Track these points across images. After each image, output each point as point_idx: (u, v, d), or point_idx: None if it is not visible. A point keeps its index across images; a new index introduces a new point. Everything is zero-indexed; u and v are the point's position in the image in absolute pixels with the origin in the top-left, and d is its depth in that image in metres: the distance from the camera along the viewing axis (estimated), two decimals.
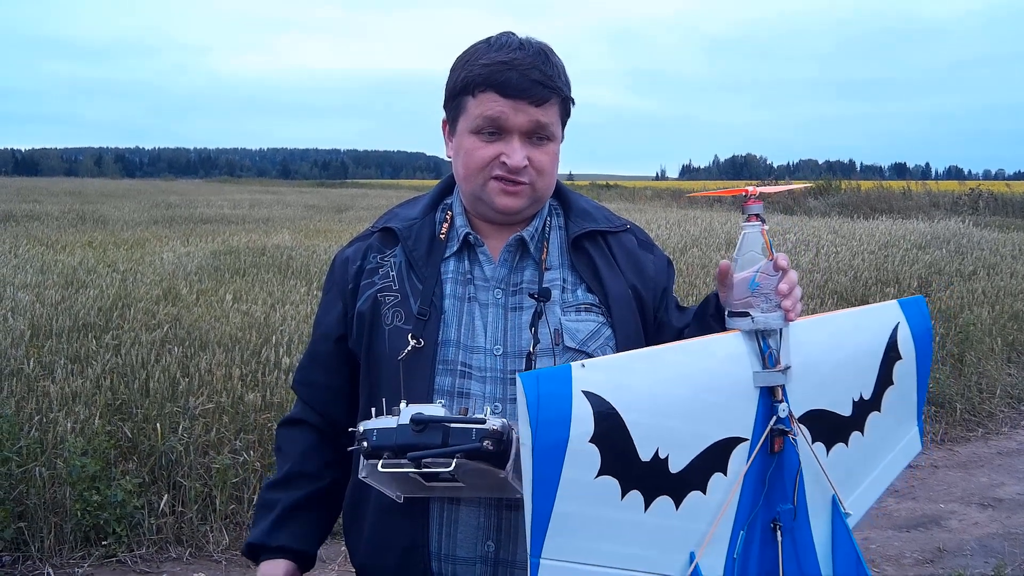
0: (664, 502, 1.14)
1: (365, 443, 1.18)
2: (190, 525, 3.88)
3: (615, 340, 1.39)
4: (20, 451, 3.75)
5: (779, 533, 1.24)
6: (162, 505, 3.85)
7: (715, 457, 1.18)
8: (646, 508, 1.12)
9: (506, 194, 1.37)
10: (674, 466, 1.13)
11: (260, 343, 5.33)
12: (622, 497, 1.09)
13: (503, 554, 1.34)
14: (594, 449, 1.06)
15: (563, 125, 1.42)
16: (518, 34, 1.39)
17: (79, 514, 3.66)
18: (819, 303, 7.31)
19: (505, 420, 1.17)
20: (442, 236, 1.44)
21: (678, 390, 1.15)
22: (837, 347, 1.36)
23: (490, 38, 1.38)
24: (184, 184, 61.33)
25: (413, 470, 1.17)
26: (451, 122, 1.42)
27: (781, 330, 1.25)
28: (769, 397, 1.22)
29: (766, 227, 1.28)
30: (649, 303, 1.45)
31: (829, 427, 1.34)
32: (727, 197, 21.50)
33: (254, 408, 4.40)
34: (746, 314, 1.25)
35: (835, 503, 1.34)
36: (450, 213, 1.47)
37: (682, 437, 1.15)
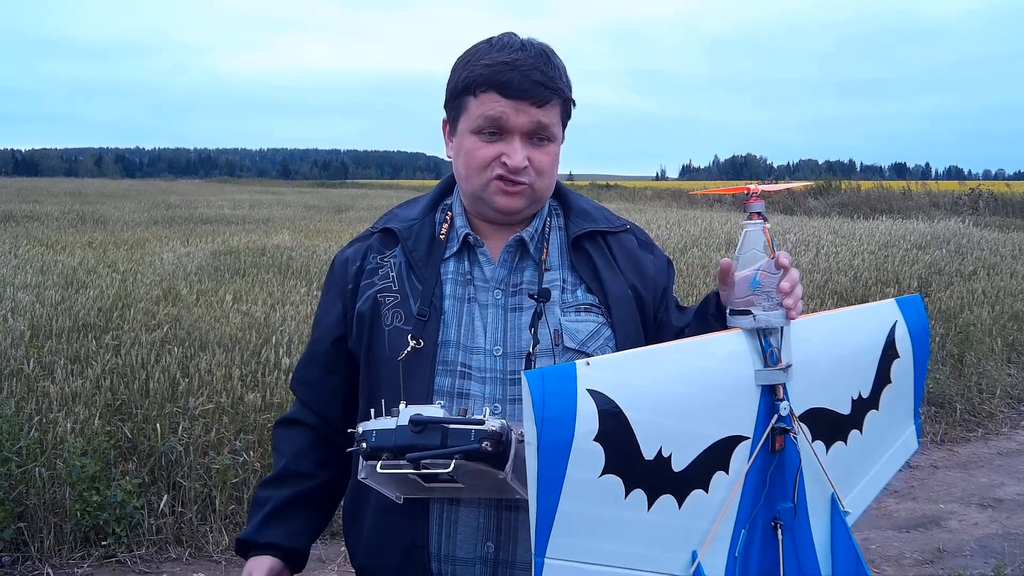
0: (667, 501, 1.13)
1: (364, 444, 1.18)
2: (190, 525, 3.87)
3: (615, 340, 1.39)
4: (20, 451, 3.74)
5: (780, 532, 1.24)
6: (162, 505, 3.85)
7: (717, 456, 1.18)
8: (649, 507, 1.12)
9: (506, 194, 1.37)
10: (677, 465, 1.13)
11: (260, 343, 5.33)
12: (626, 496, 1.09)
13: (503, 555, 1.34)
14: (598, 448, 1.06)
15: (564, 126, 1.42)
16: (519, 35, 1.39)
17: (79, 514, 3.66)
18: (819, 303, 7.31)
19: (504, 421, 1.17)
20: (442, 236, 1.44)
21: (681, 388, 1.15)
22: (836, 345, 1.36)
23: (492, 38, 1.38)
24: (184, 184, 61.33)
25: (412, 471, 1.17)
26: (452, 122, 1.42)
27: (782, 328, 1.25)
28: (770, 395, 1.22)
29: (768, 225, 1.28)
30: (649, 303, 1.46)
31: (829, 425, 1.34)
32: (727, 197, 21.52)
33: (254, 408, 4.40)
34: (747, 312, 1.25)
35: (834, 502, 1.35)
36: (450, 213, 1.47)
37: (685, 436, 1.15)
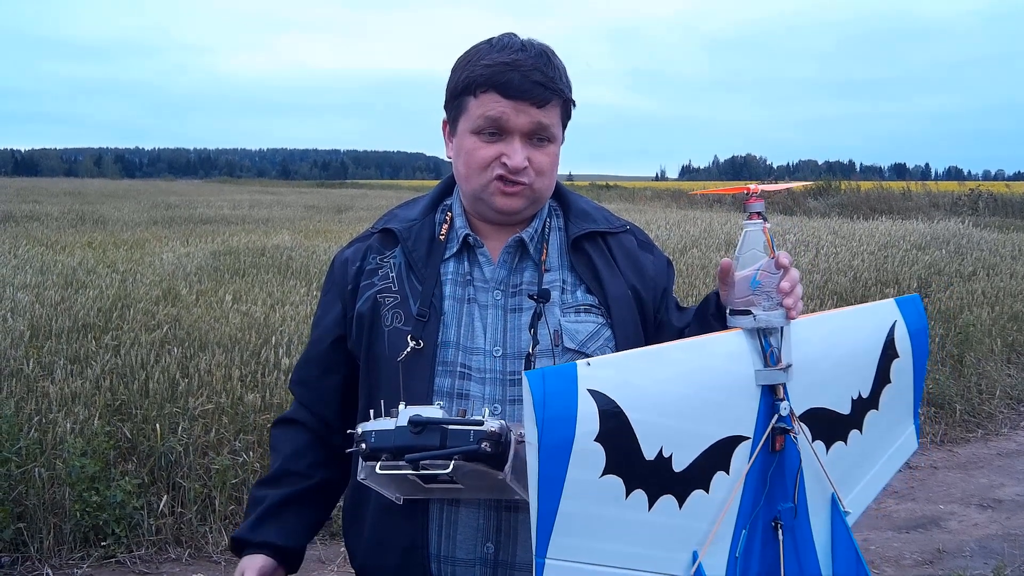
0: (668, 501, 1.13)
1: (363, 445, 1.18)
2: (189, 526, 3.87)
3: (615, 341, 1.39)
4: (19, 452, 3.74)
5: (780, 532, 1.24)
6: (161, 506, 3.85)
7: (718, 456, 1.18)
8: (650, 507, 1.12)
9: (505, 195, 1.37)
10: (678, 465, 1.13)
11: (260, 344, 5.32)
12: (626, 496, 1.09)
13: (502, 555, 1.33)
14: (599, 448, 1.06)
15: (564, 127, 1.42)
16: (519, 35, 1.39)
17: (78, 515, 3.66)
18: (819, 303, 7.31)
19: (503, 422, 1.16)
20: (442, 237, 1.44)
21: (681, 388, 1.15)
22: (836, 345, 1.36)
23: (492, 39, 1.38)
24: (184, 184, 61.36)
25: (411, 472, 1.17)
26: (452, 122, 1.42)
27: (782, 328, 1.24)
28: (770, 395, 1.22)
29: (767, 225, 1.28)
30: (649, 304, 1.45)
31: (829, 425, 1.34)
32: (727, 197, 21.53)
33: (253, 409, 4.40)
34: (748, 312, 1.24)
35: (834, 502, 1.35)
36: (450, 214, 1.46)
37: (685, 436, 1.15)
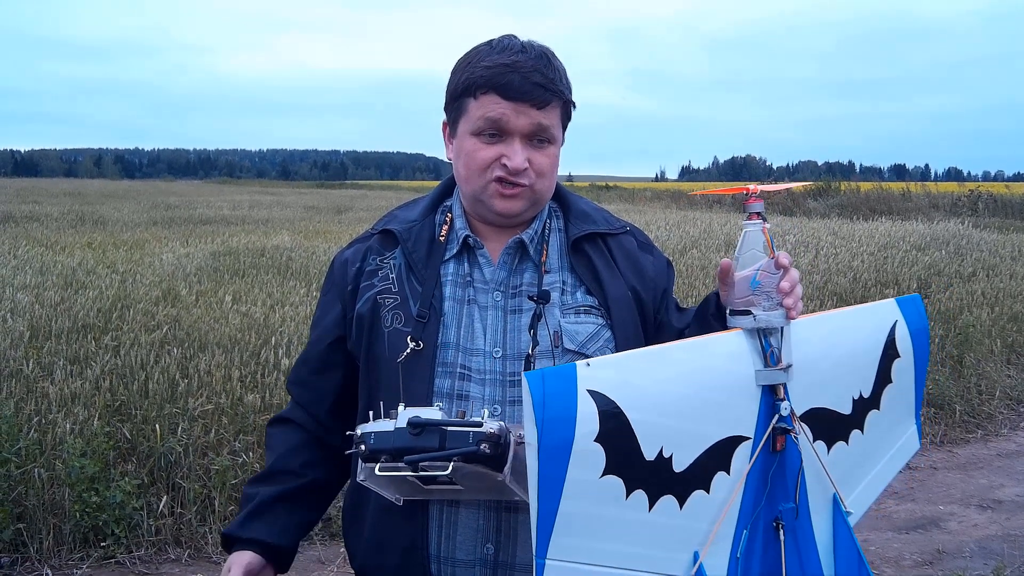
0: (668, 501, 1.13)
1: (363, 446, 1.18)
2: (189, 527, 3.87)
3: (614, 342, 1.39)
4: (19, 452, 3.74)
5: (782, 532, 1.24)
6: (161, 506, 3.85)
7: (718, 456, 1.18)
8: (650, 508, 1.12)
9: (504, 197, 1.37)
10: (678, 465, 1.13)
11: (259, 344, 5.33)
12: (627, 497, 1.09)
13: (502, 556, 1.33)
14: (599, 448, 1.06)
15: (564, 128, 1.42)
16: (519, 36, 1.39)
17: (78, 515, 3.65)
18: (818, 304, 7.31)
19: (503, 423, 1.16)
20: (442, 238, 1.44)
21: (681, 388, 1.15)
22: (836, 345, 1.36)
23: (492, 40, 1.38)
24: (183, 185, 61.38)
25: (410, 473, 1.17)
26: (452, 124, 1.42)
27: (782, 328, 1.24)
28: (771, 395, 1.22)
29: (767, 225, 1.28)
30: (649, 304, 1.46)
31: (830, 425, 1.34)
32: (727, 198, 21.54)
33: (253, 409, 4.40)
34: (748, 312, 1.25)
35: (836, 502, 1.34)
36: (450, 215, 1.46)
37: (686, 436, 1.15)
